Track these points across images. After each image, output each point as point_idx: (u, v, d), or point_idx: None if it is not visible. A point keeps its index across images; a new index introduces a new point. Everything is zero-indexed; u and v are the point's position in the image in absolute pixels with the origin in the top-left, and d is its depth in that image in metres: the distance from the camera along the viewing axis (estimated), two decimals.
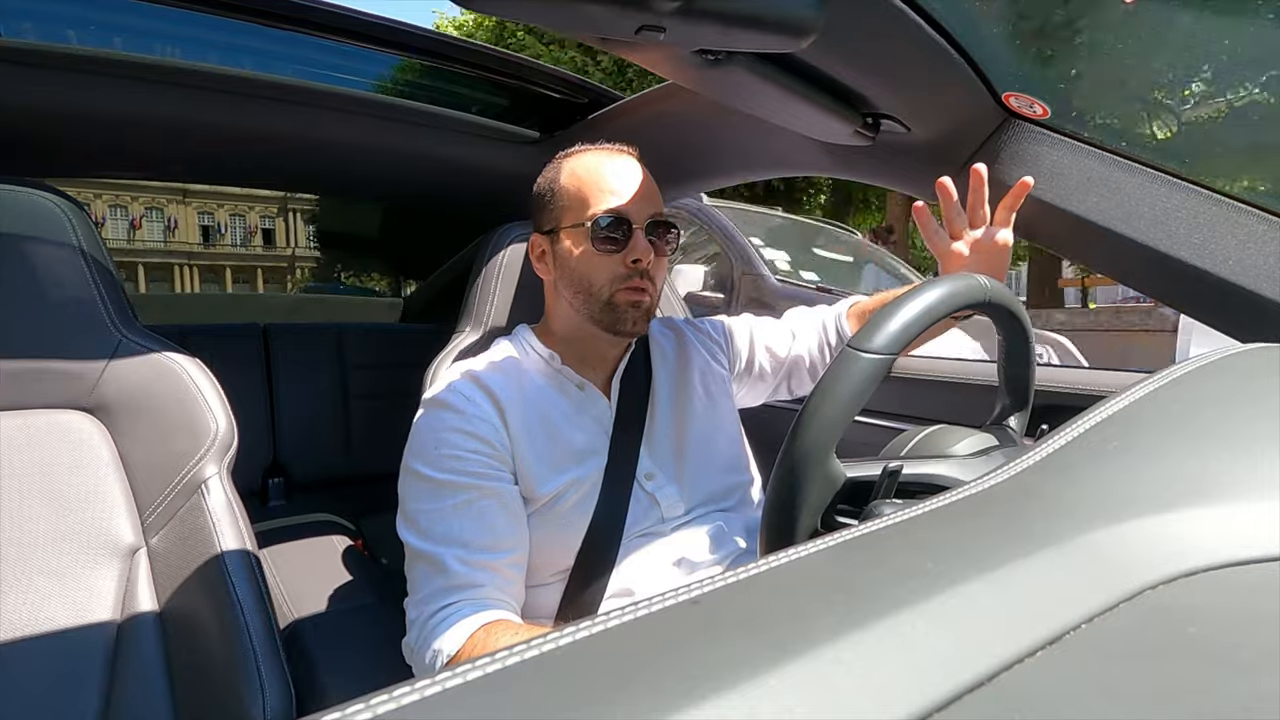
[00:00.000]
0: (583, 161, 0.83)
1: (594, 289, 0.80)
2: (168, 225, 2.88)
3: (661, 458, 0.85)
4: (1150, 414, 0.34)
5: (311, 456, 1.59)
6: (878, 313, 0.54)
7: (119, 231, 2.20)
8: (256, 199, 2.75)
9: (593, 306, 0.81)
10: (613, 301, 0.80)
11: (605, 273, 0.79)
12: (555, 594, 0.78)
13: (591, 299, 0.80)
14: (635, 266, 0.79)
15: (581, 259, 0.80)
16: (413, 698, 0.16)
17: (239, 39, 1.02)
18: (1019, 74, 0.76)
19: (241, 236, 2.61)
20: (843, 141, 0.83)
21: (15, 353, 0.72)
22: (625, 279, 0.79)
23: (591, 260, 0.80)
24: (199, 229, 2.88)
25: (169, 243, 2.85)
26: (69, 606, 0.67)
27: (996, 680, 0.19)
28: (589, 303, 0.81)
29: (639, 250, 0.79)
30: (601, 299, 0.80)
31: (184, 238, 2.83)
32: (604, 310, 0.80)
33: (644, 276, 0.80)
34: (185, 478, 0.72)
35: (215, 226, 2.88)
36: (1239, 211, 0.65)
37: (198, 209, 2.75)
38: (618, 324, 0.81)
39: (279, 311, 2.62)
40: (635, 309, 0.80)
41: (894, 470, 0.54)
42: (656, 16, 0.48)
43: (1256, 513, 0.27)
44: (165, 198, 2.62)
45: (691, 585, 0.22)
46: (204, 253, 2.83)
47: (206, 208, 2.75)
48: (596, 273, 0.80)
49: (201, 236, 2.85)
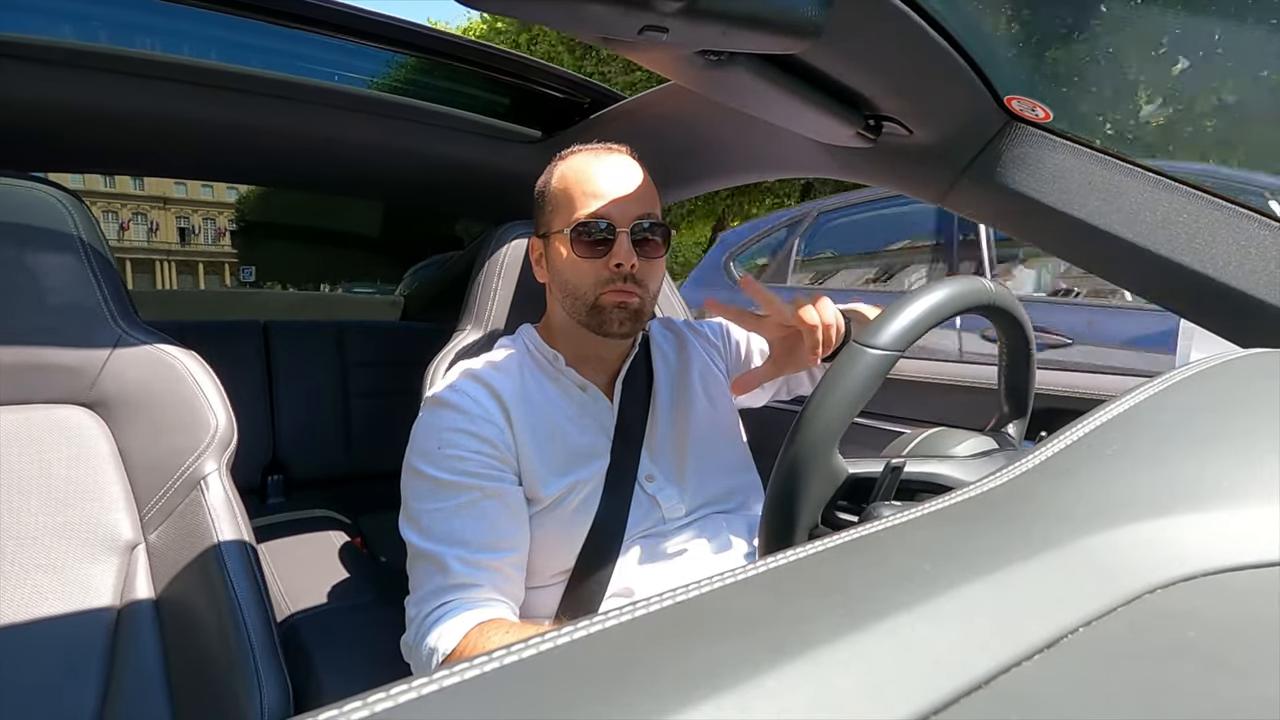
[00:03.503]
0: (572, 164, 0.83)
1: (579, 293, 0.80)
2: (150, 228, 3.14)
3: (662, 459, 0.85)
4: (1149, 418, 0.34)
5: (311, 454, 1.59)
6: (884, 310, 0.54)
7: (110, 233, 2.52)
8: (225, 205, 3.01)
9: (580, 310, 0.81)
10: (599, 304, 0.79)
11: (589, 276, 0.79)
12: (556, 595, 0.78)
13: (578, 302, 0.80)
14: (618, 270, 0.78)
15: (567, 263, 0.80)
16: (410, 696, 0.16)
17: (241, 36, 1.01)
18: (1021, 77, 0.76)
19: (212, 237, 2.89)
20: (844, 143, 0.83)
21: (15, 347, 0.72)
22: (608, 282, 0.78)
23: (576, 265, 0.79)
24: (176, 230, 3.16)
25: (151, 242, 3.15)
26: (67, 601, 0.67)
27: (994, 683, 0.19)
28: (576, 306, 0.81)
29: (621, 254, 0.78)
30: (587, 302, 0.80)
31: (164, 238, 3.11)
32: (591, 313, 0.80)
33: (629, 280, 0.79)
34: (184, 474, 0.72)
35: (190, 228, 3.16)
36: (1240, 216, 0.65)
37: (175, 214, 3.03)
38: (604, 326, 0.80)
39: (280, 308, 2.63)
40: (622, 310, 0.79)
41: (896, 467, 0.54)
42: (659, 17, 0.48)
43: (1255, 518, 0.27)
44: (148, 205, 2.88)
45: (689, 585, 0.22)
46: (180, 250, 3.11)
47: (183, 213, 3.05)
48: (581, 277, 0.79)
49: (179, 237, 3.13)
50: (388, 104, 1.19)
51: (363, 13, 0.98)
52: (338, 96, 1.14)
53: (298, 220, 2.67)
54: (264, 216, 2.99)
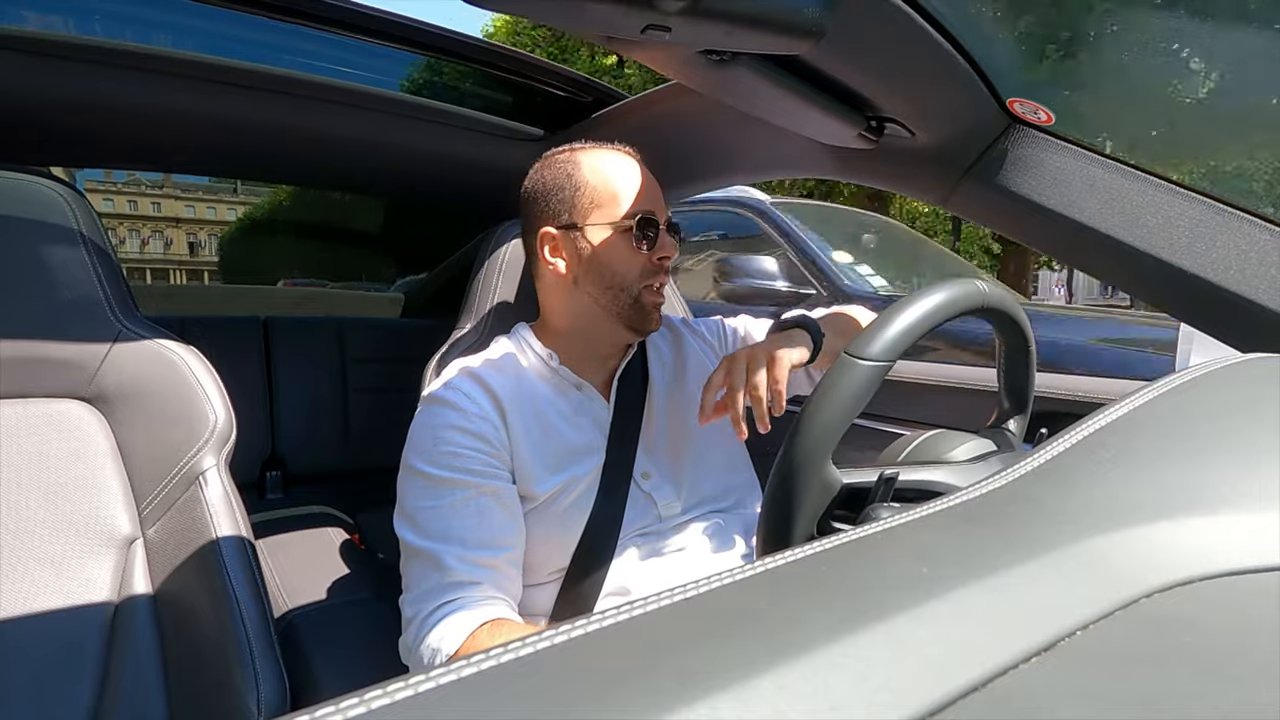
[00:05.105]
0: (605, 160, 0.84)
1: (626, 284, 0.82)
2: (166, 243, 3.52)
3: (658, 457, 0.86)
4: (1149, 422, 0.34)
5: (310, 450, 1.59)
6: (875, 320, 0.54)
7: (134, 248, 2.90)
8: (228, 224, 3.30)
9: (623, 301, 0.82)
10: (640, 301, 0.83)
11: (636, 268, 0.82)
12: (551, 593, 0.78)
13: (623, 294, 0.82)
14: (662, 263, 0.83)
15: (615, 256, 0.82)
16: (407, 693, 0.16)
17: (246, 32, 1.01)
18: (1023, 80, 0.76)
19: (215, 249, 3.35)
20: (846, 144, 0.83)
21: (14, 340, 0.72)
22: (653, 274, 0.83)
23: (627, 257, 0.81)
24: (187, 244, 3.55)
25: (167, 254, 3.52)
26: (65, 595, 0.67)
27: (991, 685, 0.19)
28: (619, 298, 0.82)
29: (666, 248, 0.82)
30: (632, 294, 0.82)
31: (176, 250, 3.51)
32: (633, 306, 0.83)
33: (665, 273, 0.84)
34: (183, 469, 0.72)
35: (198, 243, 3.54)
36: (1241, 221, 0.65)
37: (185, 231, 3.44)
38: (643, 321, 0.84)
39: (280, 304, 2.63)
40: (657, 308, 0.85)
41: (890, 478, 0.54)
42: (663, 16, 0.48)
43: (1254, 523, 0.27)
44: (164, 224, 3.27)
45: (687, 586, 0.22)
46: (190, 260, 3.48)
47: (192, 230, 3.44)
48: (629, 269, 0.82)
49: (189, 250, 3.54)
50: (391, 101, 1.19)
51: (364, 9, 0.98)
52: (339, 92, 1.13)
53: (298, 220, 2.70)
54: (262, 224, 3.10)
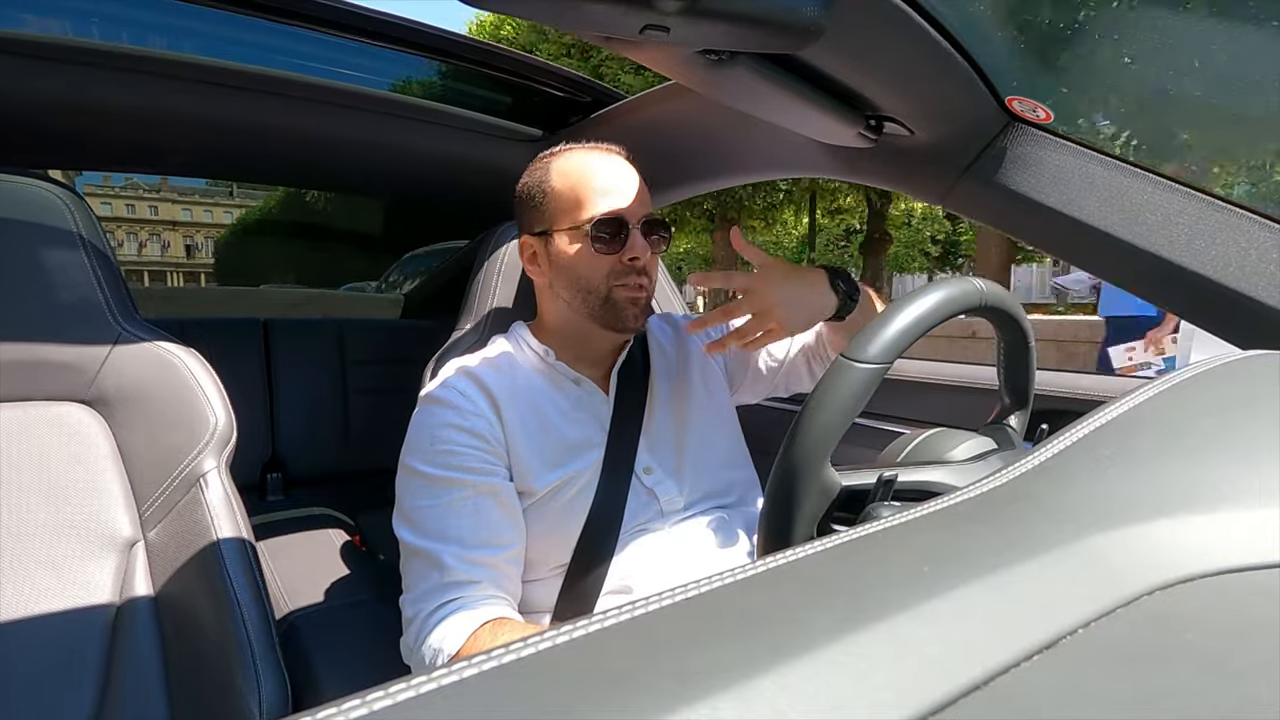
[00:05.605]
0: (571, 161, 0.83)
1: (592, 286, 0.80)
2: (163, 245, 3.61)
3: (660, 452, 0.85)
4: (1150, 420, 0.34)
5: (310, 451, 1.59)
6: (871, 322, 0.54)
7: (132, 250, 3.00)
8: (223, 227, 3.38)
9: (592, 304, 0.81)
10: (612, 298, 0.80)
11: (602, 270, 0.80)
12: (552, 589, 0.78)
13: (591, 296, 0.81)
14: (633, 264, 0.80)
15: (579, 260, 0.80)
16: (409, 694, 0.16)
17: (244, 34, 1.01)
18: (1022, 78, 0.76)
19: (210, 252, 3.44)
20: (845, 143, 0.83)
21: (15, 344, 0.72)
22: (623, 275, 0.80)
23: (590, 260, 0.80)
24: (184, 247, 3.67)
25: (164, 257, 3.61)
26: (66, 598, 0.67)
27: (992, 684, 0.19)
28: (588, 300, 0.81)
29: (637, 249, 0.79)
30: (600, 295, 0.80)
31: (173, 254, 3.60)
32: (604, 307, 0.81)
33: (640, 273, 0.81)
34: (184, 471, 0.72)
35: (194, 245, 3.65)
36: (1241, 218, 0.65)
37: (182, 234, 3.55)
38: (618, 321, 0.81)
39: (280, 305, 2.63)
40: (634, 305, 0.81)
41: (889, 479, 0.54)
42: (661, 16, 0.48)
43: (1255, 520, 0.27)
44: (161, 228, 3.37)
45: (687, 585, 0.22)
46: (186, 263, 3.59)
47: (189, 233, 3.55)
48: (594, 271, 0.80)
49: (185, 253, 3.65)
50: (390, 102, 1.19)
51: (362, 10, 0.98)
52: (337, 94, 1.13)
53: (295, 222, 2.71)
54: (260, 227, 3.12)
